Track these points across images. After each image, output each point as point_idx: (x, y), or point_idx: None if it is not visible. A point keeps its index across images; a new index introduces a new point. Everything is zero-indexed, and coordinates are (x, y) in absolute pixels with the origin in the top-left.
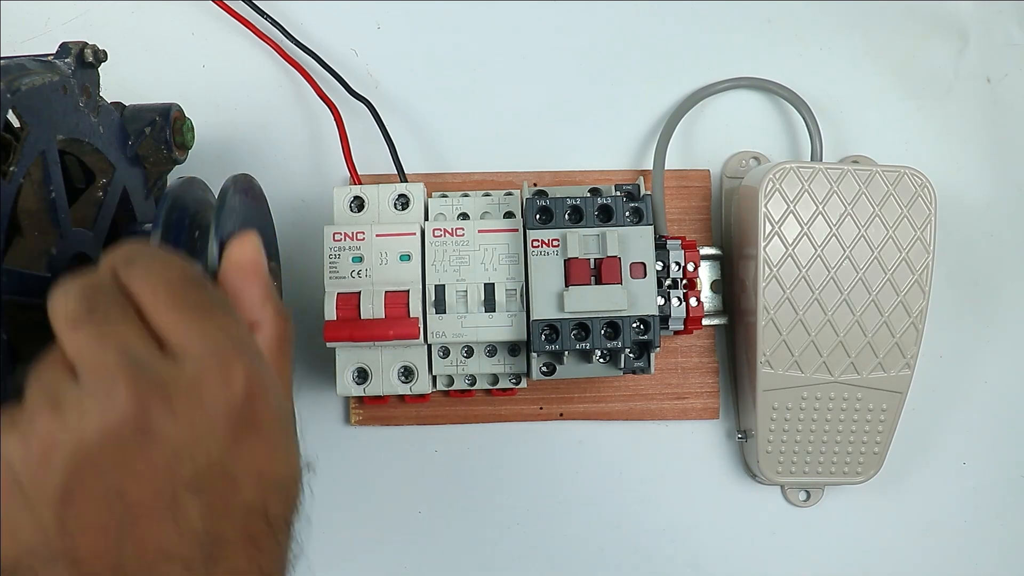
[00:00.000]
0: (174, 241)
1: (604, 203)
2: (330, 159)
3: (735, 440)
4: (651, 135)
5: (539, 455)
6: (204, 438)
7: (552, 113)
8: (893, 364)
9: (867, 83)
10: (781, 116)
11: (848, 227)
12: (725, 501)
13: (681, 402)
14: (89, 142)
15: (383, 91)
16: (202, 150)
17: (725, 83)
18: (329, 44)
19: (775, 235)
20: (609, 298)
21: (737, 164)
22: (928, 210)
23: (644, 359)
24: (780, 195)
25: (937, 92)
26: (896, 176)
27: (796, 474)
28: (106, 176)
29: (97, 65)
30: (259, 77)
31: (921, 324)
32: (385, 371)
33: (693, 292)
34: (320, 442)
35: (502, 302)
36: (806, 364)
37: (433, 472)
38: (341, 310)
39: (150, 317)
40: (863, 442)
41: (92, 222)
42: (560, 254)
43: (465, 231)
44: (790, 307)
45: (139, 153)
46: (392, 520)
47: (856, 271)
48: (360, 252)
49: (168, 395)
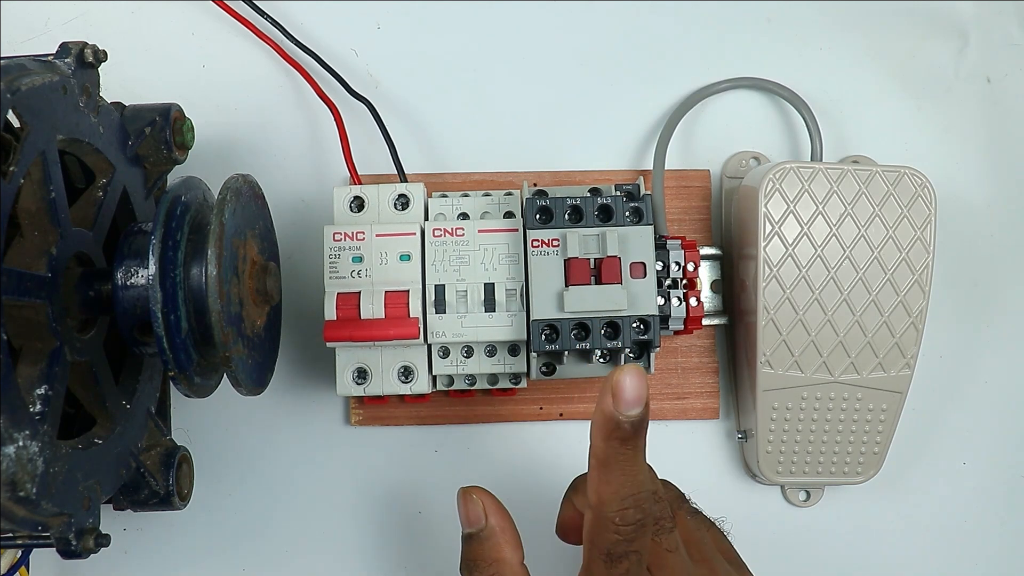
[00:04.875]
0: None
1: (604, 203)
2: (330, 159)
3: (735, 440)
4: (651, 135)
5: (539, 455)
6: None
7: (552, 113)
8: (893, 364)
9: (867, 83)
10: (781, 116)
11: (848, 227)
12: (725, 501)
13: (681, 402)
14: (89, 142)
15: (383, 91)
16: (202, 150)
17: (725, 83)
18: (329, 44)
19: (775, 235)
20: (609, 298)
21: (737, 164)
22: (928, 210)
23: (644, 359)
24: (780, 195)
25: (937, 92)
26: (896, 176)
27: (796, 474)
28: (106, 176)
29: (97, 65)
30: (259, 77)
31: (921, 324)
32: (385, 371)
33: (693, 292)
34: (320, 442)
35: (502, 302)
36: (806, 364)
37: (433, 472)
38: (341, 310)
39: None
40: (863, 442)
41: (92, 222)
42: (560, 254)
43: (465, 231)
44: (790, 307)
45: (139, 153)
46: (392, 520)
47: (856, 271)
48: (360, 252)
49: None
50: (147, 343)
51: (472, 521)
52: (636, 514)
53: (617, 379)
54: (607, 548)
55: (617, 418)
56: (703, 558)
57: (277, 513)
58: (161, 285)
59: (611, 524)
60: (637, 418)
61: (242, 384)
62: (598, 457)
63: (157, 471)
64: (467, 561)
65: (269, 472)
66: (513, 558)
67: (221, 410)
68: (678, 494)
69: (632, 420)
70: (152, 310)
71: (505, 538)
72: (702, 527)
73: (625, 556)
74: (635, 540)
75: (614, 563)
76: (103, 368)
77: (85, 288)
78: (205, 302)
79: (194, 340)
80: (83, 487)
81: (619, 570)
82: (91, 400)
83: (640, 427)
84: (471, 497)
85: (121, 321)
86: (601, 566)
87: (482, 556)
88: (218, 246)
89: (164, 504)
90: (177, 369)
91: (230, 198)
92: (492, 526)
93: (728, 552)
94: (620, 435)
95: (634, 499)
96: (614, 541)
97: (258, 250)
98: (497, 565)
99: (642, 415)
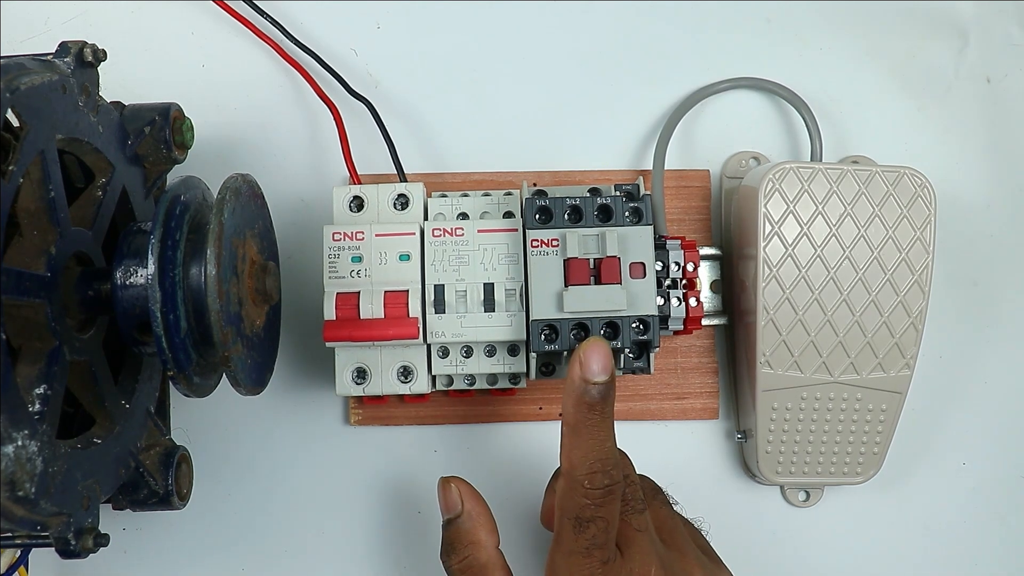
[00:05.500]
0: (172, 240)
1: (604, 203)
2: (330, 159)
3: (735, 440)
4: (651, 135)
5: (539, 455)
6: None
7: (552, 113)
8: (893, 364)
9: (867, 83)
10: (781, 116)
11: (848, 227)
12: (724, 501)
13: (680, 402)
14: (88, 141)
15: (383, 91)
16: (201, 150)
17: (725, 83)
18: (329, 44)
19: (775, 235)
20: (608, 298)
21: (737, 164)
22: (928, 210)
23: (643, 359)
24: (780, 195)
25: (937, 92)
26: (896, 176)
27: (796, 474)
28: (105, 175)
29: (96, 64)
30: (259, 77)
31: (921, 324)
32: (384, 371)
33: (693, 292)
34: (320, 442)
35: (501, 302)
36: (806, 364)
37: (433, 472)
38: (340, 310)
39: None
40: (863, 442)
41: (91, 221)
42: (559, 254)
43: (464, 231)
44: (790, 307)
45: (138, 152)
46: (392, 520)
47: (856, 271)
48: (359, 252)
49: None
50: (146, 343)
51: (450, 507)
52: (603, 479)
53: (584, 349)
54: (576, 513)
55: (585, 385)
56: (675, 543)
57: (276, 513)
58: (160, 284)
59: (580, 488)
60: (603, 384)
61: (241, 384)
62: (568, 423)
63: (156, 471)
64: (446, 544)
65: (268, 472)
66: (488, 541)
67: (220, 410)
68: (654, 486)
69: (599, 386)
70: (151, 309)
71: (480, 522)
72: (676, 517)
73: (592, 521)
74: (603, 506)
75: (582, 528)
76: (102, 368)
77: (84, 287)
78: (204, 302)
79: (193, 340)
80: (82, 487)
81: (586, 535)
82: (90, 400)
83: (607, 394)
84: (449, 486)
85: (120, 321)
86: (570, 531)
87: (459, 539)
88: (217, 245)
89: (163, 504)
90: (176, 369)
91: (229, 197)
92: (468, 511)
93: (704, 546)
94: (588, 400)
95: (602, 463)
96: (583, 505)
97: (257, 250)
98: (472, 547)
99: (608, 382)
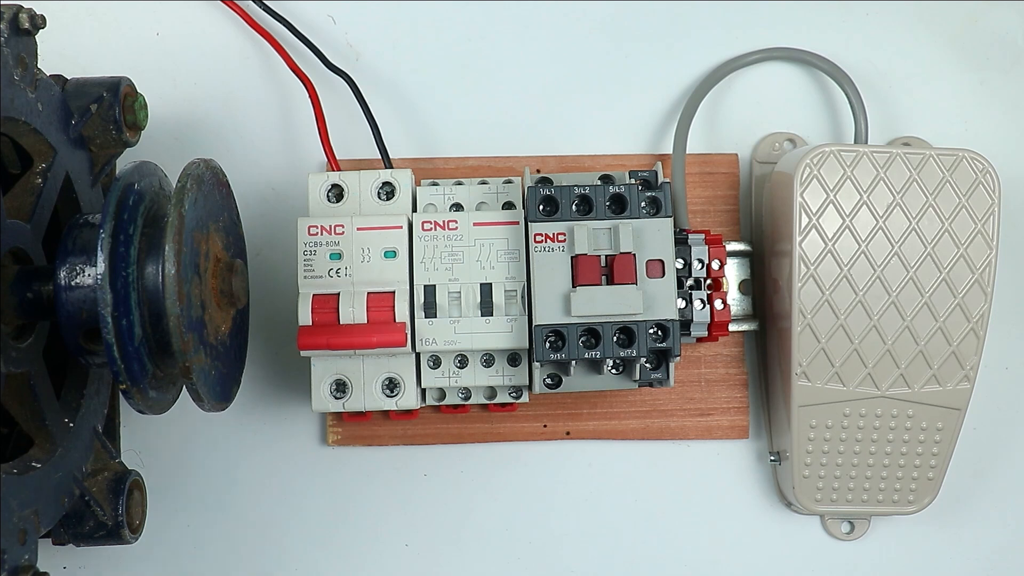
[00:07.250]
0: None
1: (617, 192)
2: (304, 142)
3: (767, 463)
4: (671, 114)
5: (543, 479)
6: None
7: (558, 90)
8: (950, 376)
9: (920, 54)
10: (820, 92)
11: (897, 219)
12: (756, 533)
13: (705, 419)
14: (26, 121)
15: (365, 64)
16: (156, 131)
17: (755, 54)
18: (303, 10)
19: (812, 228)
20: (622, 300)
21: (769, 147)
22: (991, 199)
23: (662, 370)
24: (818, 182)
25: (1002, 64)
26: (953, 160)
27: (838, 502)
28: (45, 160)
29: (34, 32)
30: (223, 47)
31: (982, 330)
32: (367, 383)
33: (718, 294)
34: (293, 465)
35: (500, 305)
36: (848, 376)
37: (422, 499)
38: (317, 314)
39: None
40: (915, 466)
41: (30, 213)
42: (566, 250)
43: (458, 224)
44: (830, 310)
45: (84, 134)
46: (375, 554)
47: (907, 269)
48: (339, 248)
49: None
50: (94, 352)
51: None
52: None
53: None
54: None
55: None
56: None
57: (243, 547)
58: (111, 286)
59: None
60: None
61: (204, 398)
62: None
63: (104, 499)
64: None
65: (234, 500)
66: None
67: (179, 429)
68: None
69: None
70: (101, 314)
71: None
72: None
73: None
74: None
75: None
76: (42, 381)
77: (22, 289)
78: (162, 305)
79: (149, 348)
80: (18, 518)
81: None
82: (28, 418)
83: None
84: None
85: (64, 327)
86: None
87: None
88: (177, 241)
89: (112, 537)
90: (129, 381)
91: (190, 186)
92: None
93: None
94: None
95: None
96: None
97: (222, 246)
98: None
99: None
